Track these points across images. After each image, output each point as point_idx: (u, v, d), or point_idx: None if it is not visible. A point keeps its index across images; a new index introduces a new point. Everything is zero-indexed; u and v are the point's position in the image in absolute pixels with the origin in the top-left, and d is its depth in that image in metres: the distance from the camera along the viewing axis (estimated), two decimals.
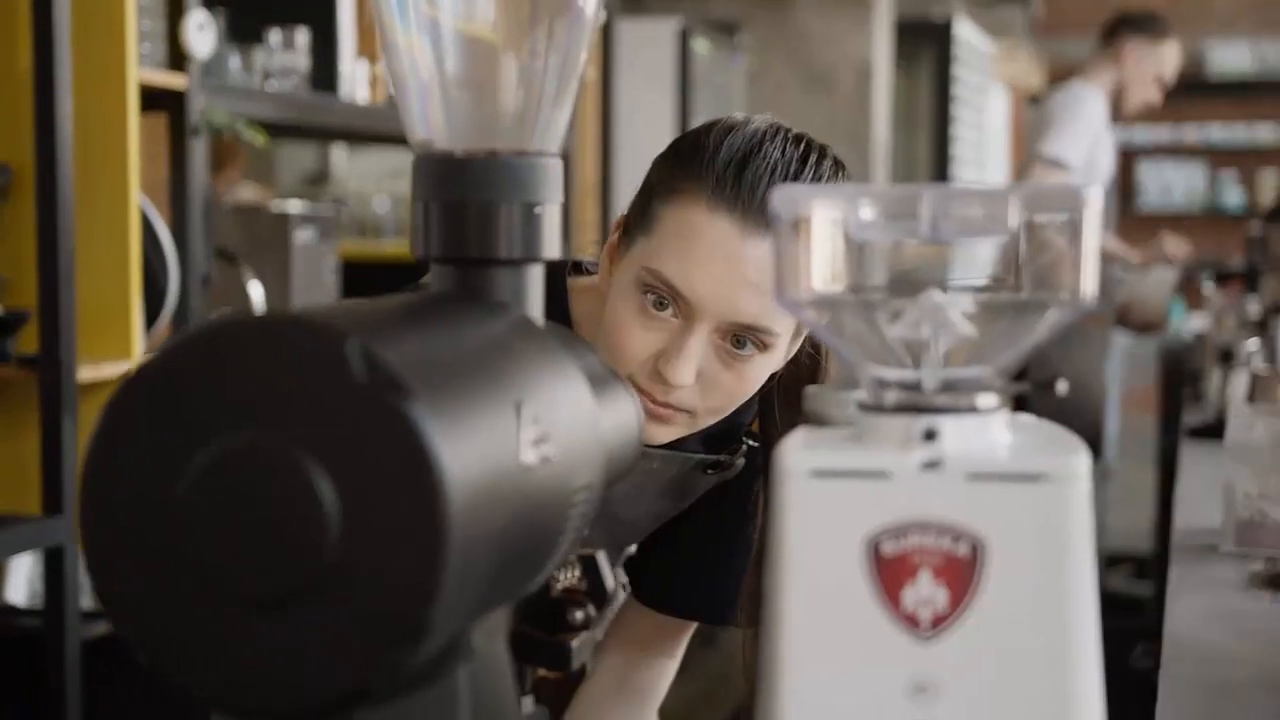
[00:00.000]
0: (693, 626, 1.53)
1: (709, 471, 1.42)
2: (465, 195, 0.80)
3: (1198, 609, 1.63)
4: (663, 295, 1.24)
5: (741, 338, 1.25)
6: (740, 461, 1.42)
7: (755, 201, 1.22)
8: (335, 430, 0.61)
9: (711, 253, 1.22)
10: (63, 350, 2.30)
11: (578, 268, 1.43)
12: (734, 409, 1.30)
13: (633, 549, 1.54)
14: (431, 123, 0.83)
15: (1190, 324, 8.55)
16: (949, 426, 0.69)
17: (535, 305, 0.82)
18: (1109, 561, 5.47)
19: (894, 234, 0.71)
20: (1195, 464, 2.65)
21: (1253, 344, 3.12)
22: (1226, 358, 3.24)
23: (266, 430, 0.61)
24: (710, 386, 1.26)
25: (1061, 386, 0.73)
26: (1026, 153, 4.49)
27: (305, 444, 0.61)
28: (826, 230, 0.72)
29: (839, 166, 1.31)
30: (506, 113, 0.82)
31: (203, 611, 0.62)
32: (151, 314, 2.56)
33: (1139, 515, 5.86)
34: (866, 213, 0.71)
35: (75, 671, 2.33)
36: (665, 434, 1.29)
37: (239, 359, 0.62)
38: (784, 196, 0.71)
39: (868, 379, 0.72)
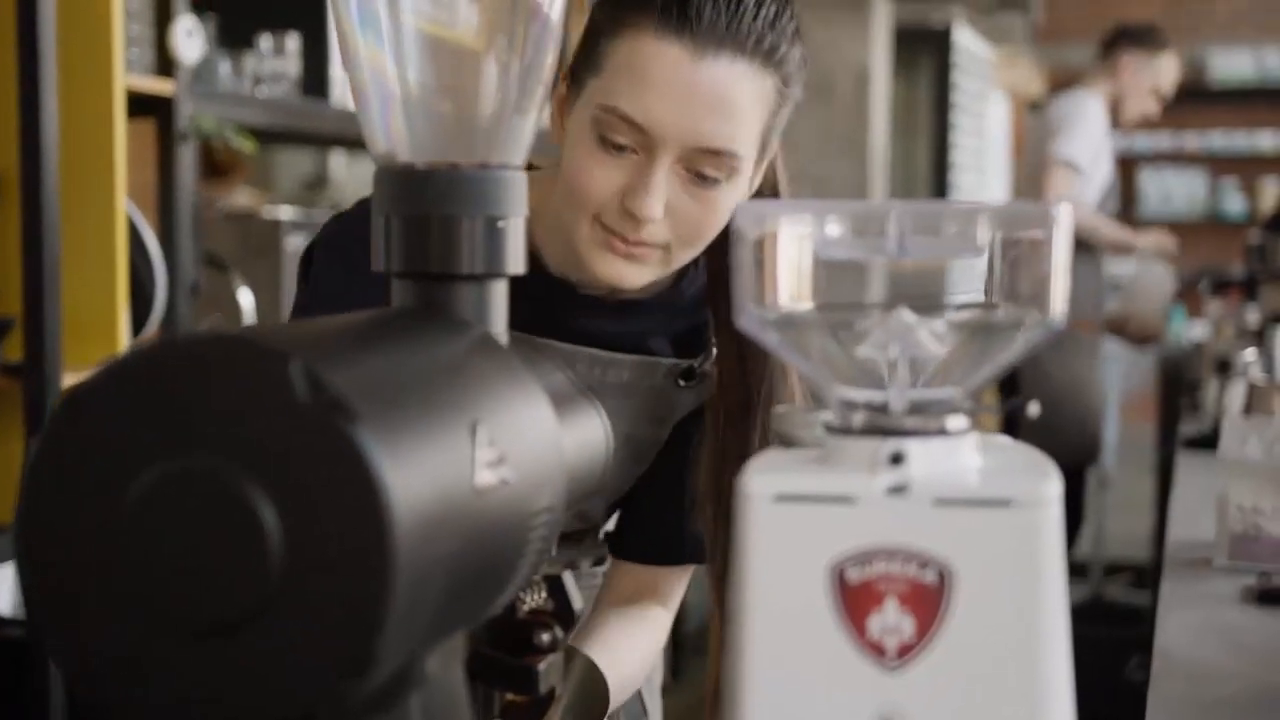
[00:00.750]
0: (683, 574, 1.49)
1: (682, 384, 1.39)
2: (427, 209, 0.79)
3: (1190, 624, 1.61)
4: (619, 132, 1.22)
5: (705, 172, 1.23)
6: (711, 370, 1.40)
7: (703, 23, 1.20)
8: (279, 453, 0.59)
9: (665, 79, 1.20)
10: (47, 358, 2.28)
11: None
12: (705, 242, 1.28)
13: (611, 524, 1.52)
14: (393, 134, 0.81)
15: (1190, 332, 8.54)
16: (916, 449, 0.68)
17: (499, 321, 0.81)
18: (1107, 570, 5.45)
19: (861, 251, 0.69)
20: (1191, 475, 2.64)
21: (1250, 354, 3.11)
22: (1224, 368, 3.23)
23: (209, 452, 0.59)
24: (680, 219, 1.24)
25: (1033, 409, 0.71)
26: (1035, 157, 4.48)
27: (249, 467, 0.59)
28: (792, 247, 0.70)
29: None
30: (469, 124, 0.80)
31: (143, 637, 0.60)
32: (139, 322, 2.55)
33: (1138, 523, 5.85)
34: (833, 230, 0.69)
35: (59, 680, 2.31)
36: (641, 274, 1.27)
37: (182, 379, 0.60)
38: (747, 212, 0.70)
39: (834, 400, 0.71)
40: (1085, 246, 4.47)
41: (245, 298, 2.89)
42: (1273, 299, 3.99)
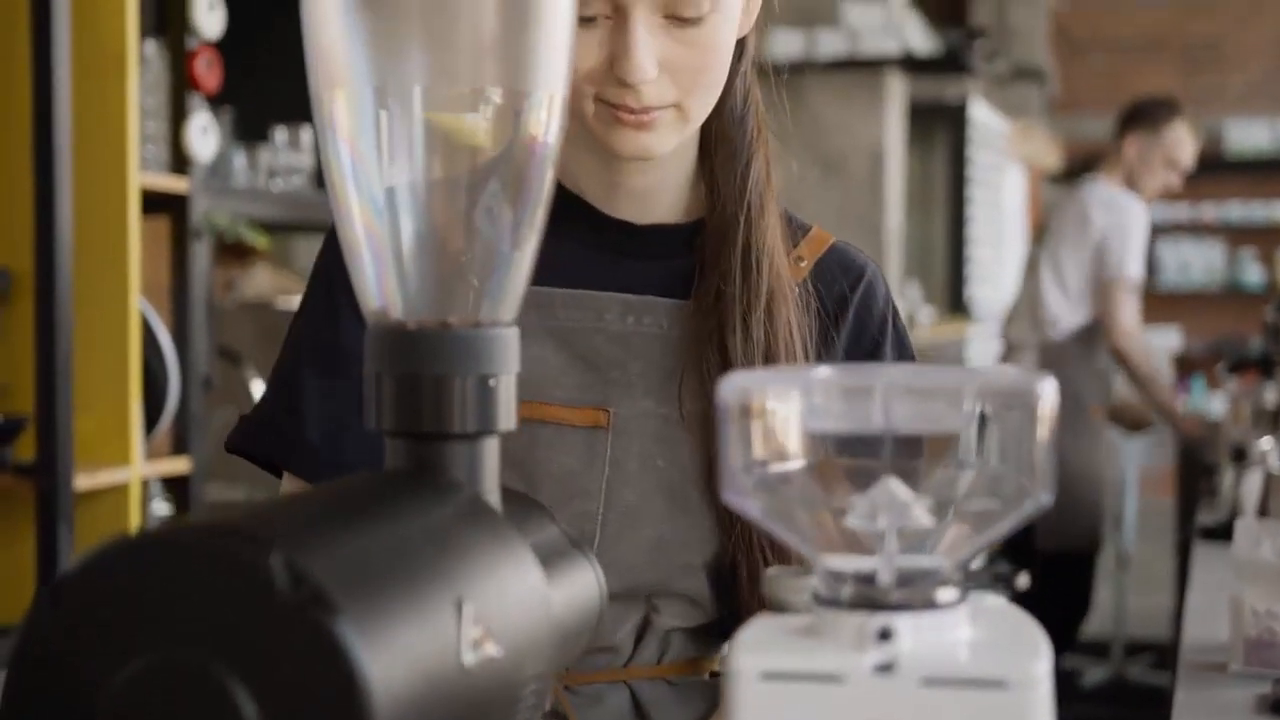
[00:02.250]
0: None
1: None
2: (418, 368, 0.79)
3: None
4: (583, 4, 1.13)
5: (684, 13, 1.13)
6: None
7: None
8: (260, 647, 0.59)
9: None
10: (60, 459, 2.29)
11: None
12: (717, 85, 1.18)
13: None
14: (385, 292, 0.81)
15: (1209, 405, 8.51)
16: (905, 624, 0.67)
17: (490, 478, 0.80)
18: (1129, 650, 5.40)
19: (847, 423, 0.69)
20: (1207, 569, 2.61)
21: (1266, 442, 3.08)
22: (1240, 456, 3.20)
23: (190, 646, 0.59)
24: (678, 70, 1.15)
25: (1022, 580, 0.71)
26: (1058, 241, 4.45)
27: (230, 661, 0.59)
28: (776, 419, 0.70)
29: None
30: (461, 282, 0.81)
31: None
32: (152, 418, 2.55)
33: (1160, 601, 5.80)
34: (819, 401, 0.69)
35: None
36: (662, 139, 1.18)
37: (163, 571, 0.60)
38: (732, 385, 0.70)
39: (821, 570, 0.70)
40: (1094, 332, 4.45)
41: (259, 389, 2.90)
42: None
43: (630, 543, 1.19)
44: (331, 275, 1.25)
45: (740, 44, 1.24)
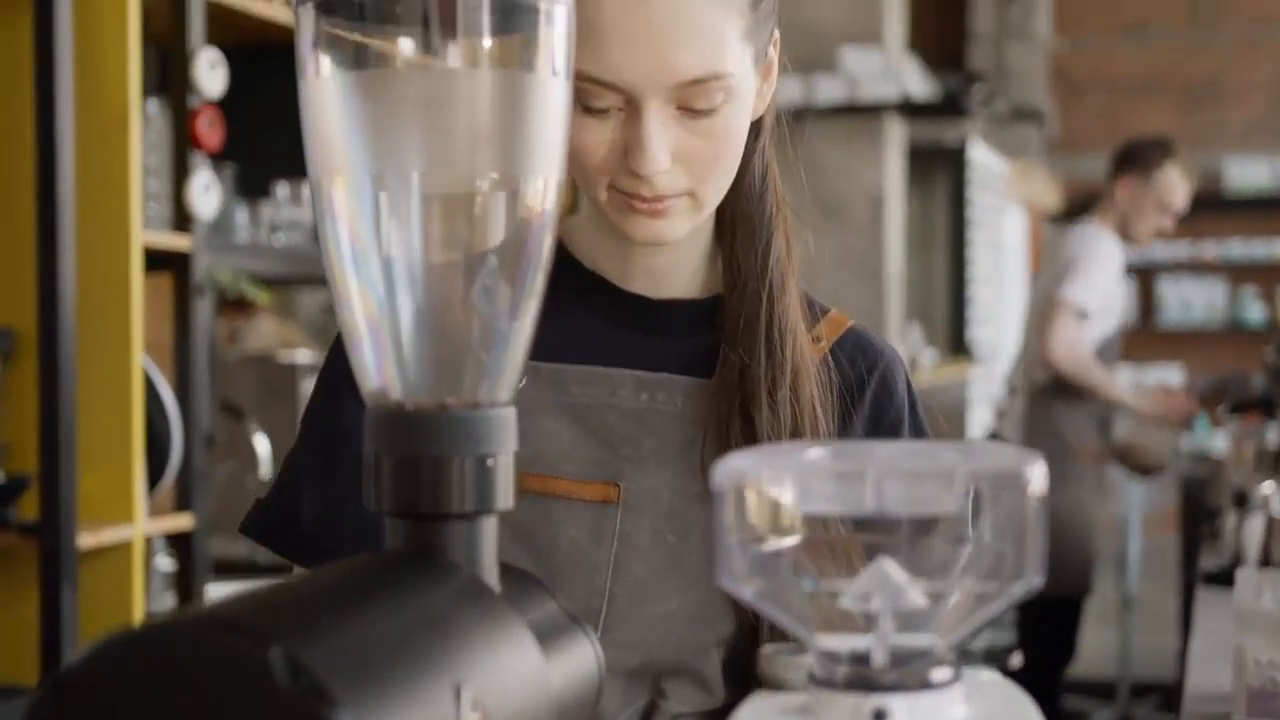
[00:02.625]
0: None
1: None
2: (417, 449, 0.80)
3: None
4: (596, 96, 1.12)
5: (697, 105, 1.12)
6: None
7: None
8: None
9: (616, 26, 1.10)
10: (63, 518, 2.29)
11: None
12: (730, 172, 1.17)
13: None
14: (384, 373, 0.82)
15: (1212, 442, 8.49)
16: (900, 705, 0.68)
17: (488, 557, 0.81)
18: (1135, 691, 5.39)
19: (840, 506, 0.70)
20: (1210, 616, 2.61)
21: (1268, 487, 3.09)
22: (1241, 500, 3.21)
23: None
24: (691, 160, 1.14)
25: (1015, 660, 0.71)
26: (1043, 293, 4.49)
27: None
28: (771, 501, 0.70)
29: None
30: (459, 363, 0.82)
31: None
32: (155, 475, 2.56)
33: (1166, 641, 5.78)
34: (812, 486, 0.70)
35: None
36: (675, 226, 1.17)
37: (161, 665, 0.61)
38: (726, 468, 0.70)
39: (816, 651, 0.71)
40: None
41: (261, 444, 2.91)
42: None
43: (638, 618, 1.19)
44: (335, 361, 1.27)
45: (757, 123, 1.24)
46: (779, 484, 0.70)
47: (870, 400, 1.27)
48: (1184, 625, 4.73)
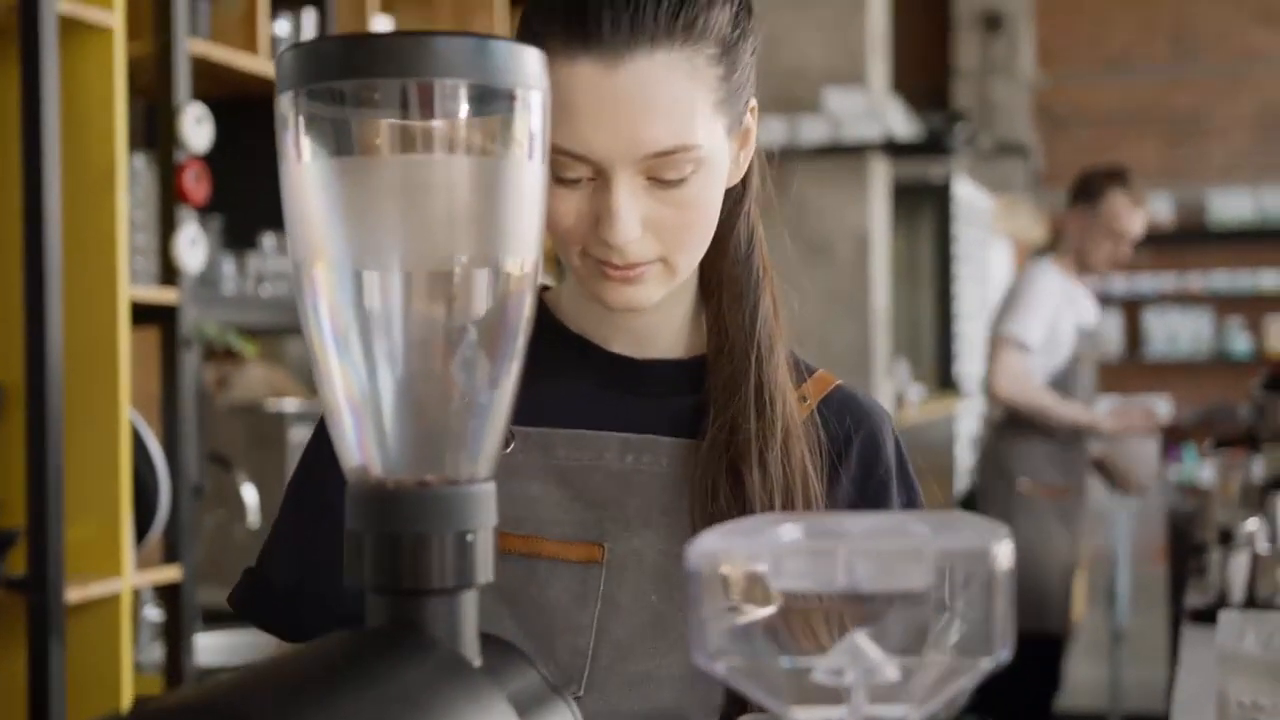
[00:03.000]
0: None
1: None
2: (398, 526, 0.81)
3: None
4: (568, 168, 1.14)
5: (667, 176, 1.14)
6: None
7: (605, 29, 1.12)
8: None
9: (586, 100, 1.12)
10: (51, 573, 2.30)
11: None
12: (703, 240, 1.19)
13: None
14: (365, 451, 0.83)
15: (1200, 474, 8.49)
16: None
17: (469, 630, 0.82)
18: None
19: (812, 583, 0.72)
20: (1196, 655, 2.62)
21: (1252, 524, 3.10)
22: (1226, 538, 3.22)
23: None
24: (663, 229, 1.15)
25: None
26: (990, 330, 4.53)
27: None
28: (744, 579, 0.72)
29: None
30: (438, 442, 0.83)
31: None
32: (143, 528, 2.57)
33: (1157, 673, 5.79)
34: (784, 564, 0.71)
35: None
36: (648, 292, 1.19)
37: None
38: (699, 548, 0.72)
39: None
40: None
41: (249, 494, 2.92)
42: (1274, 461, 4.00)
43: (620, 679, 1.20)
44: (321, 433, 1.29)
45: (743, 184, 1.26)
46: (752, 563, 0.72)
47: (857, 459, 1.28)
48: (1173, 659, 4.74)
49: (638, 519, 1.23)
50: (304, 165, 0.80)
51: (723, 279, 1.27)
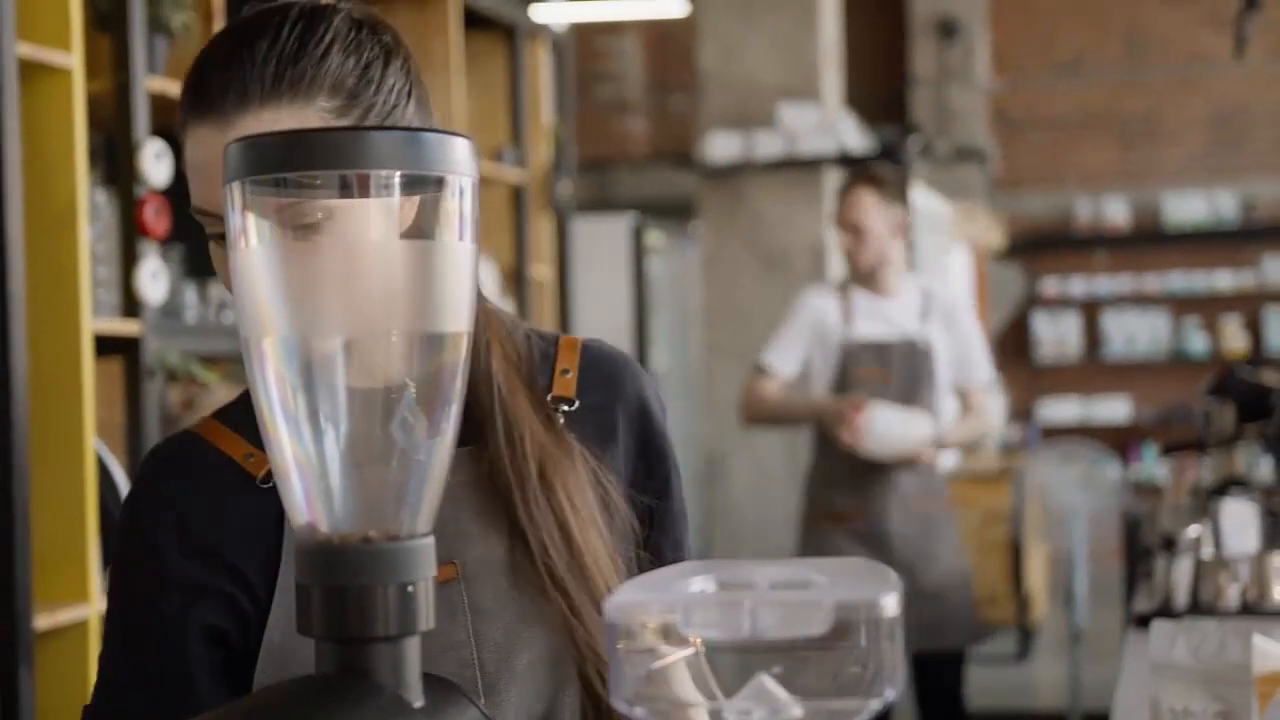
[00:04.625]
0: None
1: None
2: (344, 580, 0.87)
3: None
4: (212, 225, 1.20)
5: (301, 224, 1.14)
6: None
7: (214, 94, 1.18)
8: None
9: (207, 160, 1.18)
10: (19, 601, 2.35)
11: None
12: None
13: None
14: (313, 509, 0.90)
15: (1159, 471, 8.60)
16: None
17: (412, 674, 0.89)
18: None
19: (721, 632, 0.78)
20: (1136, 660, 2.69)
21: (1194, 530, 3.17)
22: (1169, 544, 3.29)
23: None
24: None
25: None
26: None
27: None
28: (658, 630, 0.79)
29: (314, 24, 1.21)
30: (380, 500, 0.90)
31: None
32: (109, 555, 2.62)
33: (1118, 671, 5.87)
34: (695, 615, 0.78)
35: None
36: None
37: None
38: (615, 604, 0.79)
39: None
40: (812, 441, 4.25)
41: None
42: (1221, 466, 4.09)
43: (510, 675, 1.25)
44: (132, 550, 1.27)
45: None
46: (665, 614, 0.79)
47: (624, 419, 1.34)
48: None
49: (473, 528, 1.27)
50: (251, 249, 0.87)
51: None
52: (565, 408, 1.31)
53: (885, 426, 4.00)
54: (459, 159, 0.88)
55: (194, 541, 1.24)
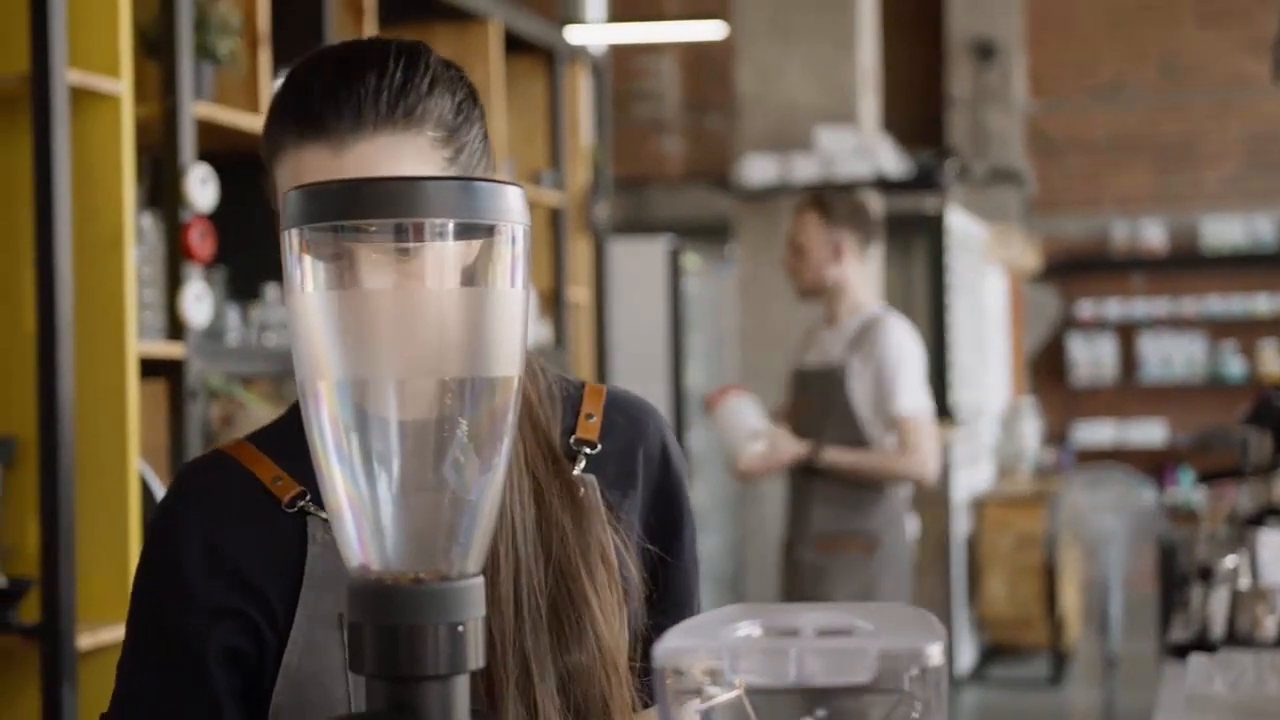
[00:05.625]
0: None
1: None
2: (395, 620, 0.89)
3: None
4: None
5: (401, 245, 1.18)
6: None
7: (328, 119, 1.20)
8: None
9: (314, 178, 1.19)
10: (63, 620, 2.38)
11: None
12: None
13: None
14: (366, 550, 0.92)
15: (1195, 497, 8.54)
16: None
17: (461, 714, 0.91)
18: None
19: (767, 678, 0.80)
20: (1175, 691, 2.68)
21: (1231, 560, 3.16)
22: (1206, 574, 3.28)
23: None
24: None
25: None
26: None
27: None
28: (705, 675, 0.80)
29: (416, 60, 1.25)
30: (432, 540, 0.92)
31: None
32: None
33: (1153, 698, 5.85)
34: (741, 662, 0.80)
35: None
36: None
37: None
38: (664, 648, 0.80)
39: None
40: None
41: None
42: (1259, 494, 4.07)
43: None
44: (158, 568, 1.28)
45: None
46: (712, 660, 0.80)
47: (644, 462, 1.35)
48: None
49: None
50: (307, 295, 0.89)
51: None
52: (588, 451, 1.32)
53: (725, 417, 4.00)
54: (512, 207, 0.90)
55: (218, 562, 1.25)
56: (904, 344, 4.15)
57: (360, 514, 0.91)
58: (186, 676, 1.25)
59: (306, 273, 0.89)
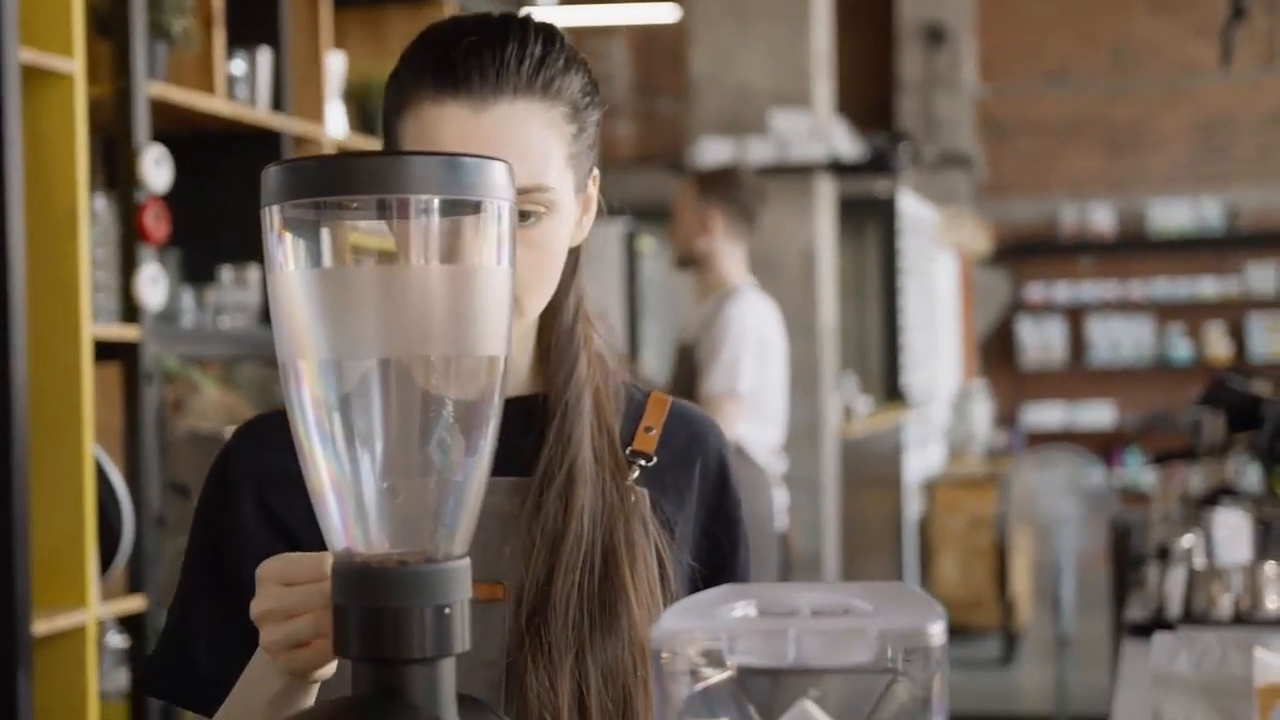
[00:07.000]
0: None
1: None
2: (380, 602, 0.88)
3: None
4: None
5: (521, 208, 1.19)
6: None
7: (472, 79, 1.21)
8: None
9: (451, 136, 1.21)
10: (18, 607, 2.34)
11: None
12: (551, 283, 1.26)
13: None
14: (349, 533, 0.90)
15: (1144, 478, 8.61)
16: None
17: (447, 695, 0.89)
18: None
19: (765, 659, 0.79)
20: (1134, 669, 2.70)
21: (1188, 540, 3.19)
22: (1163, 554, 3.31)
23: None
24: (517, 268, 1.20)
25: None
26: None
27: None
28: (703, 655, 0.79)
29: (552, 38, 1.28)
30: (417, 522, 0.90)
31: None
32: (107, 559, 2.62)
33: (1104, 676, 5.90)
34: (739, 642, 0.78)
35: None
36: None
37: None
38: (662, 629, 0.79)
39: None
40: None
41: None
42: (1212, 475, 4.10)
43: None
44: (212, 497, 1.30)
45: (574, 256, 1.32)
46: (710, 641, 0.79)
47: (700, 475, 1.36)
48: (1115, 666, 4.83)
49: (523, 554, 1.27)
50: (288, 273, 0.87)
51: (551, 338, 1.33)
52: (643, 463, 1.32)
53: None
54: (497, 183, 0.89)
55: (267, 513, 1.26)
56: (740, 321, 4.03)
57: (344, 495, 0.89)
58: (240, 613, 1.23)
59: (288, 250, 0.87)
